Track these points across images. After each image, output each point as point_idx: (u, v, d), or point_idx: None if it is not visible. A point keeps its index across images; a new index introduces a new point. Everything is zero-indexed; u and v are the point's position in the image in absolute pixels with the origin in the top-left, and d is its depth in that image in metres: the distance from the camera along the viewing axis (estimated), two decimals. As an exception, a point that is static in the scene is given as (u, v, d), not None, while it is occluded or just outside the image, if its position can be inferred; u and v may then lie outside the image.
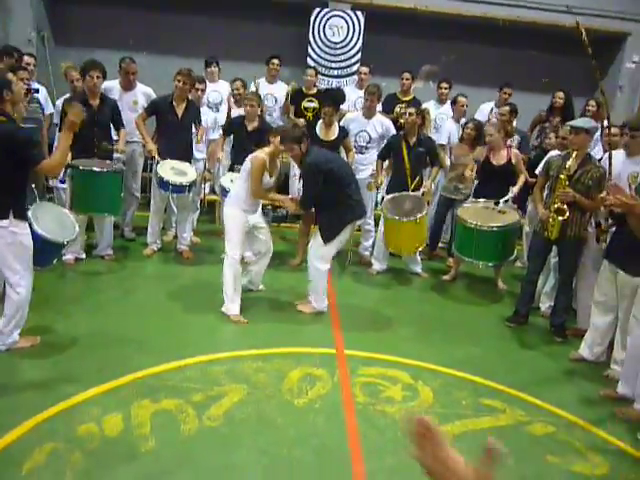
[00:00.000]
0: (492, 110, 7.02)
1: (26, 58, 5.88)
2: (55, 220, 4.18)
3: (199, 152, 6.29)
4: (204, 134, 6.04)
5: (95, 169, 5.03)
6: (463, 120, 6.48)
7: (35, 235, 3.76)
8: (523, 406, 3.71)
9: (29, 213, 3.79)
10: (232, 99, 6.86)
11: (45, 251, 3.92)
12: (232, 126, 5.89)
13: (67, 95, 5.68)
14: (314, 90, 7.22)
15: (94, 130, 5.17)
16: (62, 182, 5.12)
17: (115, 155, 5.51)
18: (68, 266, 5.35)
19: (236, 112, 6.49)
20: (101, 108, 5.29)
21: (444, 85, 7.17)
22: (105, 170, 5.08)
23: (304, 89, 7.24)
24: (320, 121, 5.94)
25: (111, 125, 5.50)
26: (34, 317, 4.09)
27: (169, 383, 3.51)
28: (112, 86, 5.89)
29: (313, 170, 4.61)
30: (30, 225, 3.72)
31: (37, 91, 5.46)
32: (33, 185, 4.83)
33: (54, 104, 6.06)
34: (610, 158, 4.44)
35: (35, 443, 2.84)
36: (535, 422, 3.55)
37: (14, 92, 3.50)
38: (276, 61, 7.16)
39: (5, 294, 3.73)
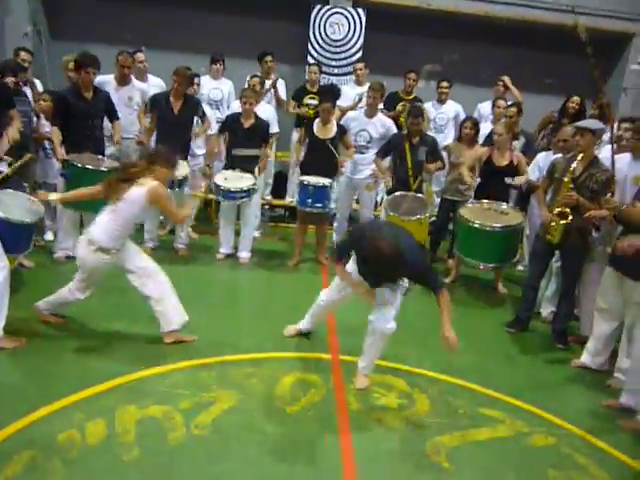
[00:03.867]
0: (493, 105, 6.88)
1: (22, 54, 5.78)
2: (20, 205, 4.15)
3: (198, 148, 6.18)
4: (208, 128, 5.90)
5: (89, 167, 4.90)
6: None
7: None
8: (523, 416, 3.58)
9: None
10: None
11: (13, 235, 3.91)
12: (227, 123, 5.76)
13: (65, 87, 5.57)
14: (316, 88, 7.07)
15: (88, 123, 5.11)
16: (62, 175, 5.00)
17: (108, 150, 5.41)
18: (58, 264, 5.24)
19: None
20: (94, 101, 5.19)
21: (444, 84, 7.06)
22: (99, 169, 4.96)
23: (307, 86, 7.10)
24: (317, 119, 5.81)
25: (105, 118, 5.38)
26: (21, 316, 3.99)
27: (156, 388, 3.38)
28: (107, 80, 5.78)
29: None
30: None
31: (26, 84, 5.35)
32: (25, 183, 4.80)
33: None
34: (613, 162, 4.34)
35: (12, 452, 2.70)
36: (536, 433, 3.42)
37: None
38: (269, 58, 7.00)
39: None
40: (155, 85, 6.30)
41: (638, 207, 3.82)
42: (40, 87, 5.86)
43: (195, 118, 5.75)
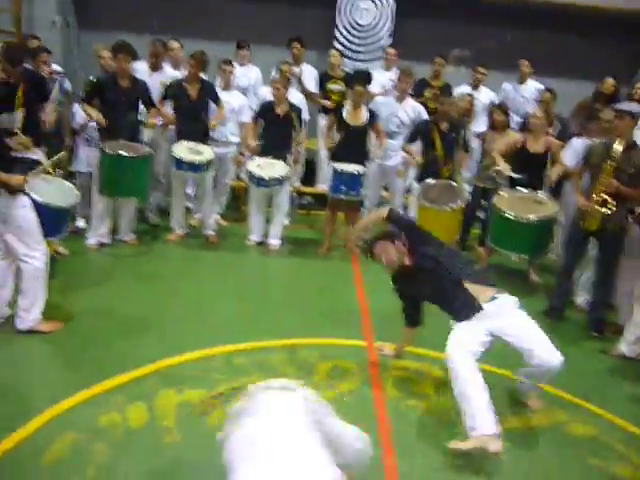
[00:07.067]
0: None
1: (34, 42, 5.78)
2: (55, 189, 4.15)
3: (233, 135, 6.18)
4: (222, 116, 5.88)
5: (123, 153, 4.96)
6: None
7: (37, 205, 3.73)
8: (561, 405, 3.54)
9: (26, 187, 3.72)
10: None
11: (52, 220, 3.92)
12: (261, 111, 5.74)
13: (94, 76, 5.60)
14: (338, 72, 6.97)
15: (122, 110, 5.13)
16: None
17: (145, 136, 5.45)
18: (92, 251, 5.30)
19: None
20: (131, 89, 5.22)
21: (481, 70, 6.91)
22: (133, 155, 5.00)
23: (329, 71, 7.04)
24: (347, 105, 5.75)
25: (140, 106, 5.40)
26: (57, 302, 4.04)
27: (193, 373, 3.41)
28: (138, 68, 5.79)
29: None
30: (29, 197, 3.68)
31: (59, 74, 5.42)
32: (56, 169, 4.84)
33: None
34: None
35: (55, 434, 2.75)
36: (575, 422, 3.37)
37: None
38: (296, 44, 6.91)
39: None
40: (171, 76, 6.13)
41: None
42: None
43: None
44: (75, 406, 2.99)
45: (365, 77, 5.90)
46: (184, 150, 5.39)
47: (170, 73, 6.11)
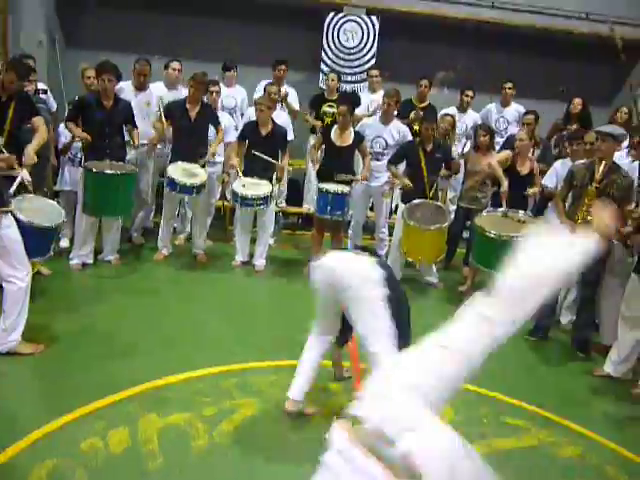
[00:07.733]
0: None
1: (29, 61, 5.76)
2: (41, 209, 4.13)
3: (218, 155, 6.18)
4: (222, 139, 5.90)
5: (107, 171, 4.94)
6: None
7: (21, 225, 3.70)
8: (548, 425, 3.54)
9: (12, 206, 3.69)
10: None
11: (36, 240, 3.89)
12: (245, 131, 5.74)
13: (78, 95, 5.59)
14: (335, 96, 6.98)
15: (106, 131, 5.12)
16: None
17: (128, 156, 5.44)
18: (75, 271, 5.23)
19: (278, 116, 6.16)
20: (114, 109, 5.20)
21: (469, 93, 7.02)
22: (117, 172, 4.98)
23: (325, 94, 7.09)
24: (335, 126, 5.79)
25: (124, 126, 5.40)
26: (39, 323, 3.97)
27: (178, 396, 3.36)
28: (123, 87, 5.79)
29: None
30: (14, 216, 3.64)
31: (45, 92, 5.38)
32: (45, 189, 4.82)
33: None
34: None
35: (35, 460, 2.69)
36: (561, 443, 3.37)
37: None
38: (282, 66, 6.94)
39: None
40: (157, 95, 6.08)
41: None
42: None
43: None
44: (56, 430, 2.93)
45: (353, 99, 5.92)
46: (179, 171, 5.37)
47: (156, 92, 6.09)
